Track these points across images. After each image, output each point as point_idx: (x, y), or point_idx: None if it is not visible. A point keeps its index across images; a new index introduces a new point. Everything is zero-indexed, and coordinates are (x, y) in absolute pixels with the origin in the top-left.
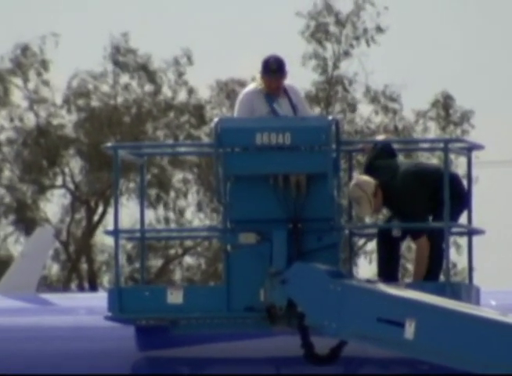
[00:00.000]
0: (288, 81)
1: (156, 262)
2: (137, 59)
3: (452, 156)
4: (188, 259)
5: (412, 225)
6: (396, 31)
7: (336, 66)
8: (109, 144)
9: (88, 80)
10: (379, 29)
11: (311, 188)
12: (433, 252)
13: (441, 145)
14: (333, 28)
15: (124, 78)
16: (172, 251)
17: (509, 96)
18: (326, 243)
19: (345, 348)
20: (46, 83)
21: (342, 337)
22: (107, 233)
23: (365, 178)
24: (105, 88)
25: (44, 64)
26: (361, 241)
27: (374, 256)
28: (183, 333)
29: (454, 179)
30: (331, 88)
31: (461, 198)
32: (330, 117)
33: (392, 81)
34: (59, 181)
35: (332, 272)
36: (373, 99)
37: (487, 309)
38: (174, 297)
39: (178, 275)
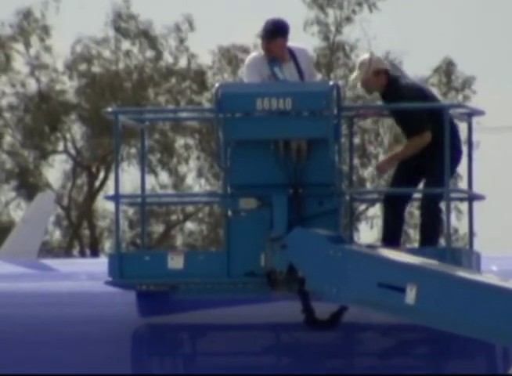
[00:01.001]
0: (300, 44)
1: (157, 228)
2: (138, 25)
3: None
4: (189, 225)
5: (412, 190)
6: None
7: (338, 32)
8: (109, 109)
9: (91, 46)
10: None
11: (312, 153)
12: (430, 217)
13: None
14: None
15: (126, 44)
16: (174, 217)
17: (510, 63)
18: (326, 208)
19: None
20: (48, 49)
21: (342, 302)
22: (108, 198)
23: (381, 59)
24: (106, 53)
25: (45, 30)
26: (362, 207)
27: (375, 221)
28: (183, 298)
29: (453, 127)
30: (333, 54)
31: (455, 149)
32: (331, 83)
33: (394, 48)
34: (60, 146)
35: (332, 238)
36: None
37: (488, 275)
38: (175, 262)
39: (179, 241)
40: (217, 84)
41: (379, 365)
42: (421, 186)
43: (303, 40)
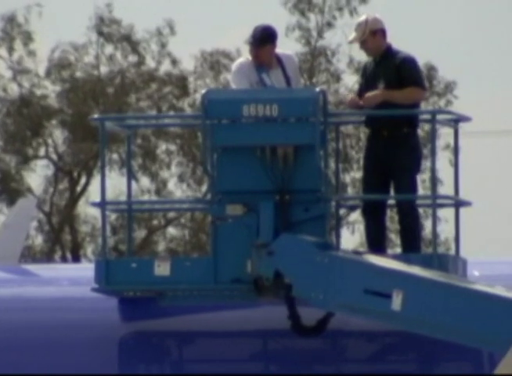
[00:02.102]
0: (286, 51)
1: (139, 233)
2: (120, 30)
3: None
4: (171, 230)
5: (402, 196)
6: (379, 2)
7: (320, 37)
8: (95, 116)
9: (70, 51)
10: (362, 0)
11: (299, 159)
12: (411, 222)
13: (429, 116)
14: None
15: (109, 49)
16: (155, 222)
17: (491, 67)
18: (313, 214)
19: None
20: (31, 54)
21: (329, 308)
22: (94, 204)
23: (379, 19)
24: (88, 58)
25: (28, 35)
26: (342, 211)
27: (357, 227)
28: (170, 305)
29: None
30: (314, 59)
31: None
32: (318, 89)
33: None
34: (42, 152)
35: (319, 244)
36: (357, 69)
37: (474, 281)
38: (162, 269)
39: (161, 246)
40: (203, 91)
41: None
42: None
43: (285, 45)
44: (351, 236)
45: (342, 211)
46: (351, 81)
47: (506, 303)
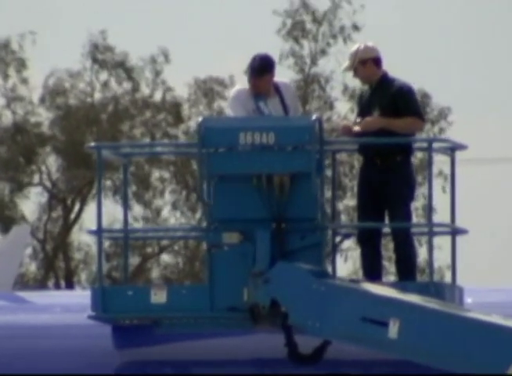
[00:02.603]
0: (283, 79)
1: (133, 260)
2: (114, 57)
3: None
4: (165, 257)
5: (398, 224)
6: (372, 29)
7: (313, 64)
8: (92, 144)
9: (65, 78)
10: (355, 27)
11: (295, 188)
12: (406, 250)
13: (425, 145)
14: (309, 26)
15: (103, 76)
16: (149, 249)
17: (485, 94)
18: (309, 242)
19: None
20: (24, 81)
21: (326, 336)
22: (90, 232)
23: (373, 46)
24: (82, 85)
25: (22, 62)
26: (337, 239)
27: (350, 254)
28: (166, 332)
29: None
30: (308, 86)
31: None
32: (314, 117)
33: None
34: (36, 179)
35: (315, 272)
36: (352, 96)
37: (471, 309)
38: (158, 297)
39: (155, 273)
40: (199, 119)
41: None
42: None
43: (278, 72)
44: (344, 264)
45: (337, 239)
46: (344, 109)
47: (502, 331)
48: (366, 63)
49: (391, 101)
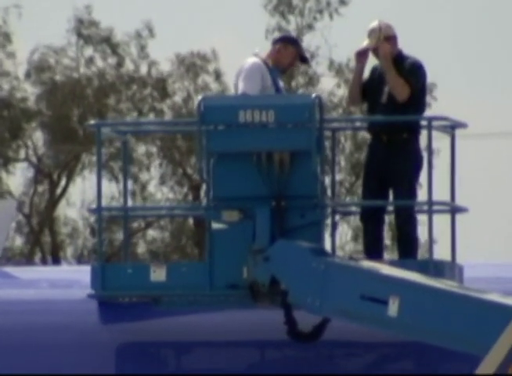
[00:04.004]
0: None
1: (119, 235)
2: (100, 32)
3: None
4: (151, 232)
5: (398, 202)
6: (359, 4)
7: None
8: (92, 122)
9: (49, 54)
10: (342, 2)
11: (295, 165)
12: (408, 228)
13: (425, 123)
14: (296, 1)
15: (88, 51)
16: (135, 224)
17: (470, 69)
18: (309, 220)
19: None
20: (11, 55)
21: (325, 314)
22: (90, 211)
23: (390, 26)
24: (67, 61)
25: (7, 36)
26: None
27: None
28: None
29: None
30: None
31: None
32: (314, 95)
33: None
34: (22, 154)
35: (315, 250)
36: (338, 71)
37: (471, 287)
38: (158, 274)
39: (141, 248)
40: (200, 97)
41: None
42: (391, 195)
43: (265, 47)
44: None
45: (336, 217)
46: (330, 85)
47: (501, 309)
48: (390, 40)
49: (404, 78)
